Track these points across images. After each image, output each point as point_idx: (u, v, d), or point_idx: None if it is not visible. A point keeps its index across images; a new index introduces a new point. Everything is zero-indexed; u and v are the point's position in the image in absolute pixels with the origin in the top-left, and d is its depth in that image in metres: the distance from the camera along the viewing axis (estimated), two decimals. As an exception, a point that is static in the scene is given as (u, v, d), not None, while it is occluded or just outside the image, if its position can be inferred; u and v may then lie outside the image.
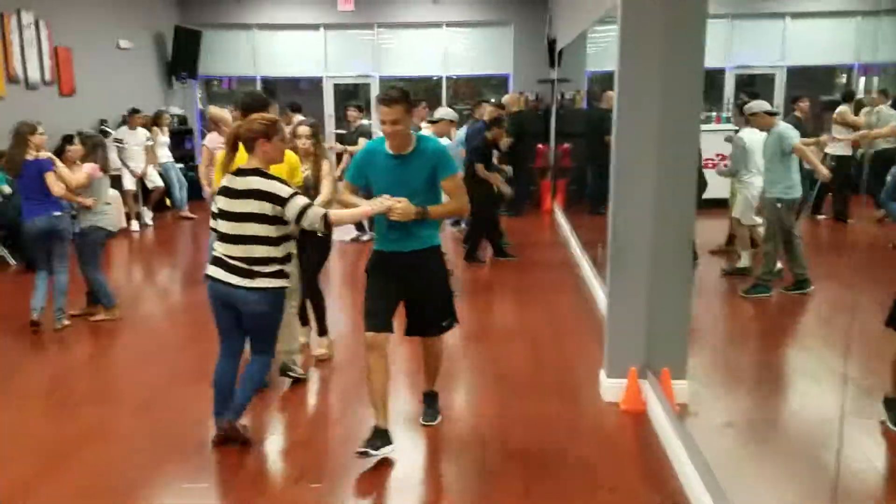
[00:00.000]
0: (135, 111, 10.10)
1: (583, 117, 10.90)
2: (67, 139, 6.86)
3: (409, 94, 3.44)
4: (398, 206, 3.40)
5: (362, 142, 8.87)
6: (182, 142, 12.27)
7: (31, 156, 5.48)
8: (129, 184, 9.90)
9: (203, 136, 10.04)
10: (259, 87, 13.63)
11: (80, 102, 9.90)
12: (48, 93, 9.28)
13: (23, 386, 4.67)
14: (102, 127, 10.17)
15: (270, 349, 3.79)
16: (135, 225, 9.94)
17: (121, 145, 9.99)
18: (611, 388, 4.20)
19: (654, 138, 3.90)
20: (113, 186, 9.74)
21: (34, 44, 8.86)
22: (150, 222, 10.29)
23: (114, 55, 10.98)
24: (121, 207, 9.68)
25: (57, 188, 5.45)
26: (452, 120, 6.95)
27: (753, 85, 11.93)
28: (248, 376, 3.79)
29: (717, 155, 7.56)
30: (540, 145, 12.05)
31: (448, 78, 13.48)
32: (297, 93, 13.96)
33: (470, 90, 14.45)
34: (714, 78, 12.86)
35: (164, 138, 10.71)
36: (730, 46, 12.45)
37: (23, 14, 8.63)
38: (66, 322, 5.63)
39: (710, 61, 12.18)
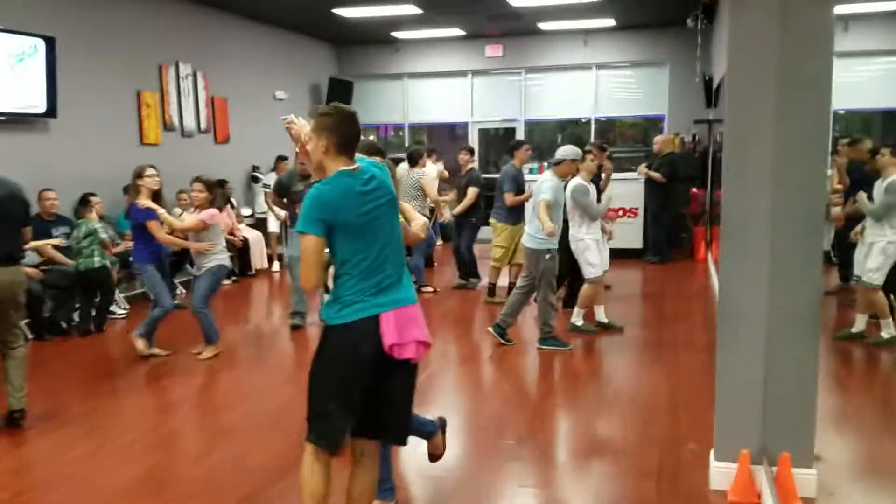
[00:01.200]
0: (281, 158, 10.53)
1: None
2: (220, 183, 6.97)
3: (335, 112, 2.80)
4: None
5: (471, 191, 8.42)
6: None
7: (139, 202, 5.64)
8: (274, 226, 10.27)
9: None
10: (407, 133, 13.91)
11: (233, 149, 10.45)
12: (203, 140, 9.86)
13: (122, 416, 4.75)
14: (254, 173, 10.73)
15: None
16: (276, 266, 10.27)
17: (268, 190, 10.45)
18: (720, 474, 3.50)
19: (767, 189, 3.28)
20: (258, 229, 10.32)
21: (191, 94, 9.47)
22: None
23: (269, 105, 11.55)
24: (263, 249, 10.11)
25: (160, 234, 5.60)
26: (574, 159, 5.98)
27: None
28: None
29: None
30: (695, 189, 11.20)
31: (597, 119, 12.94)
32: (450, 137, 14.08)
33: (636, 133, 13.78)
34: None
35: (310, 182, 11.07)
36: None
37: (181, 66, 9.25)
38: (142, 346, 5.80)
39: (889, 101, 10.92)
